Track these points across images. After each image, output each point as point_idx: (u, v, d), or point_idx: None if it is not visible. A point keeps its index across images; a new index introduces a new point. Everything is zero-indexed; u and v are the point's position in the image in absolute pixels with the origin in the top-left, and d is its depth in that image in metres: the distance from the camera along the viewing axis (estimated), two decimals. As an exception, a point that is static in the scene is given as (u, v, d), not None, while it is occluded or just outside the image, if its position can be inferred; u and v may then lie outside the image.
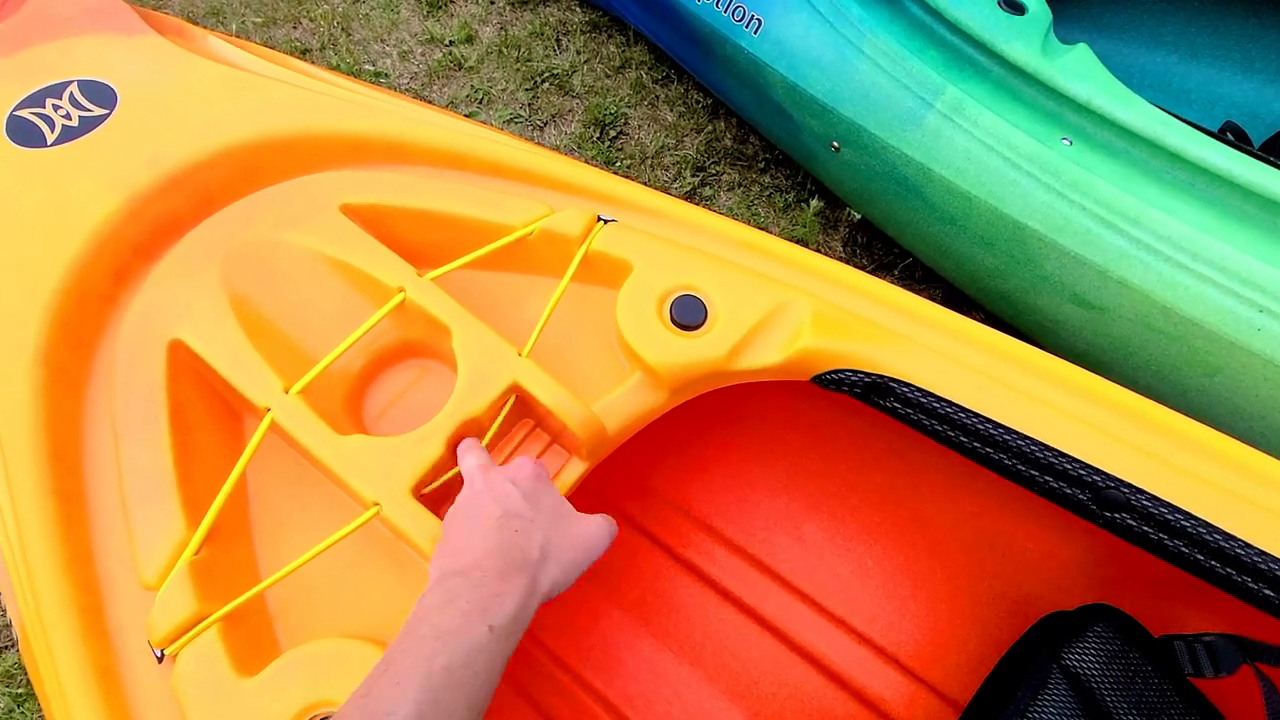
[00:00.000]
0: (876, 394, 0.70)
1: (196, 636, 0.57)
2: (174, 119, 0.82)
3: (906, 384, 0.68)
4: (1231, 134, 1.27)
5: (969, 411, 0.67)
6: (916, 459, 0.95)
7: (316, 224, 0.75)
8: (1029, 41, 1.11)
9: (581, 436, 0.66)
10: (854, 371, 0.70)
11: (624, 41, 1.90)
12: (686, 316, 0.70)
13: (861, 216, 1.50)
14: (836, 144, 1.32)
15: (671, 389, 0.70)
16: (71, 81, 0.84)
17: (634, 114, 1.81)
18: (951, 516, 0.97)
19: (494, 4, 2.00)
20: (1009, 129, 1.11)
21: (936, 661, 0.95)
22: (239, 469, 0.63)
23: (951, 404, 0.67)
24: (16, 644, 1.23)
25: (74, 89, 0.84)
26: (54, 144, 0.80)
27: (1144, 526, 0.63)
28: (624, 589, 1.03)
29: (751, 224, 1.46)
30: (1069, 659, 0.72)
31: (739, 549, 1.04)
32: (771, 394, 0.82)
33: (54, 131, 0.81)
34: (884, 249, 1.58)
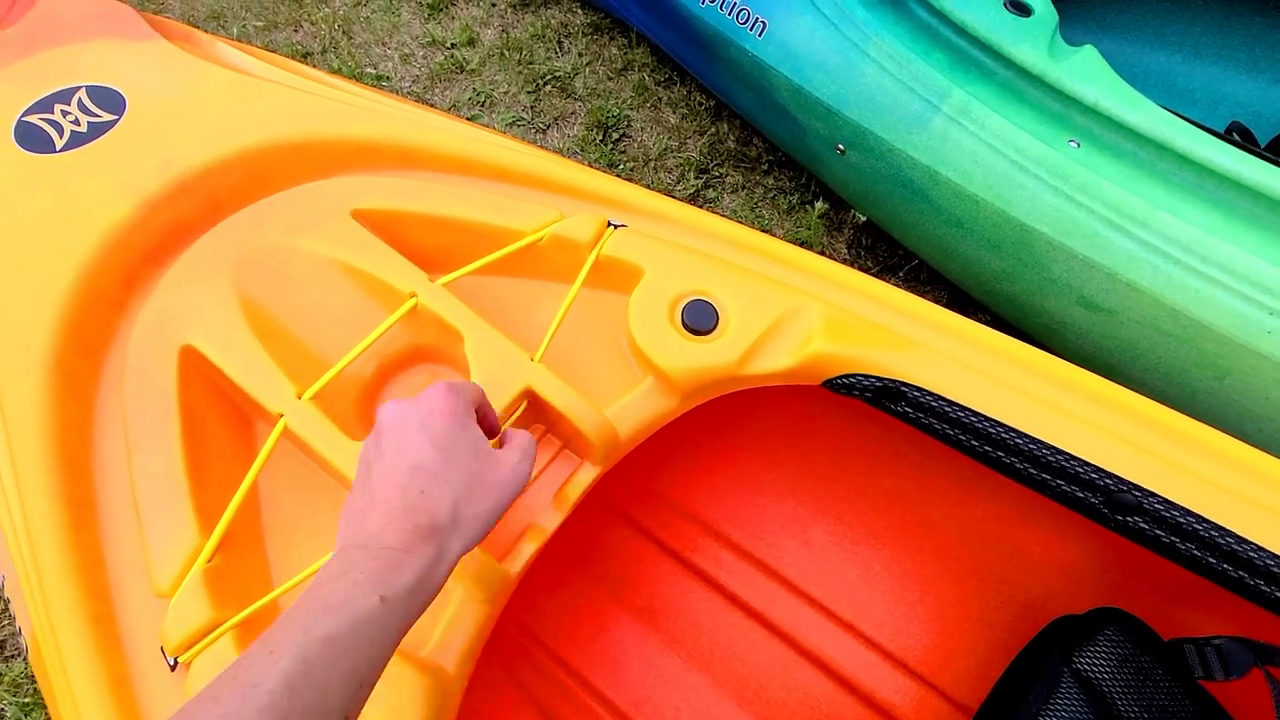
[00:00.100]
0: (888, 398, 0.70)
1: (211, 644, 0.57)
2: (183, 125, 0.82)
3: (918, 388, 0.68)
4: (1238, 134, 1.27)
5: (982, 416, 0.67)
6: (923, 463, 0.95)
7: (328, 229, 0.75)
8: (1035, 43, 1.11)
9: (595, 442, 0.66)
10: (865, 376, 0.70)
11: (626, 44, 1.90)
12: (698, 321, 0.70)
13: (866, 219, 1.50)
14: (842, 147, 1.32)
15: (684, 394, 0.70)
16: (80, 87, 0.84)
17: (637, 116, 1.81)
18: (958, 520, 0.97)
19: (495, 6, 2.00)
20: (1016, 131, 1.11)
21: (945, 666, 0.95)
22: (252, 475, 0.63)
23: (964, 408, 0.67)
24: (24, 654, 1.23)
25: (82, 94, 0.84)
26: (63, 149, 0.80)
27: (1156, 530, 0.63)
28: (631, 594, 1.03)
29: (755, 226, 1.45)
30: (1080, 663, 0.72)
31: (746, 553, 1.04)
32: (777, 398, 0.82)
33: (63, 137, 0.81)
34: (889, 251, 1.58)
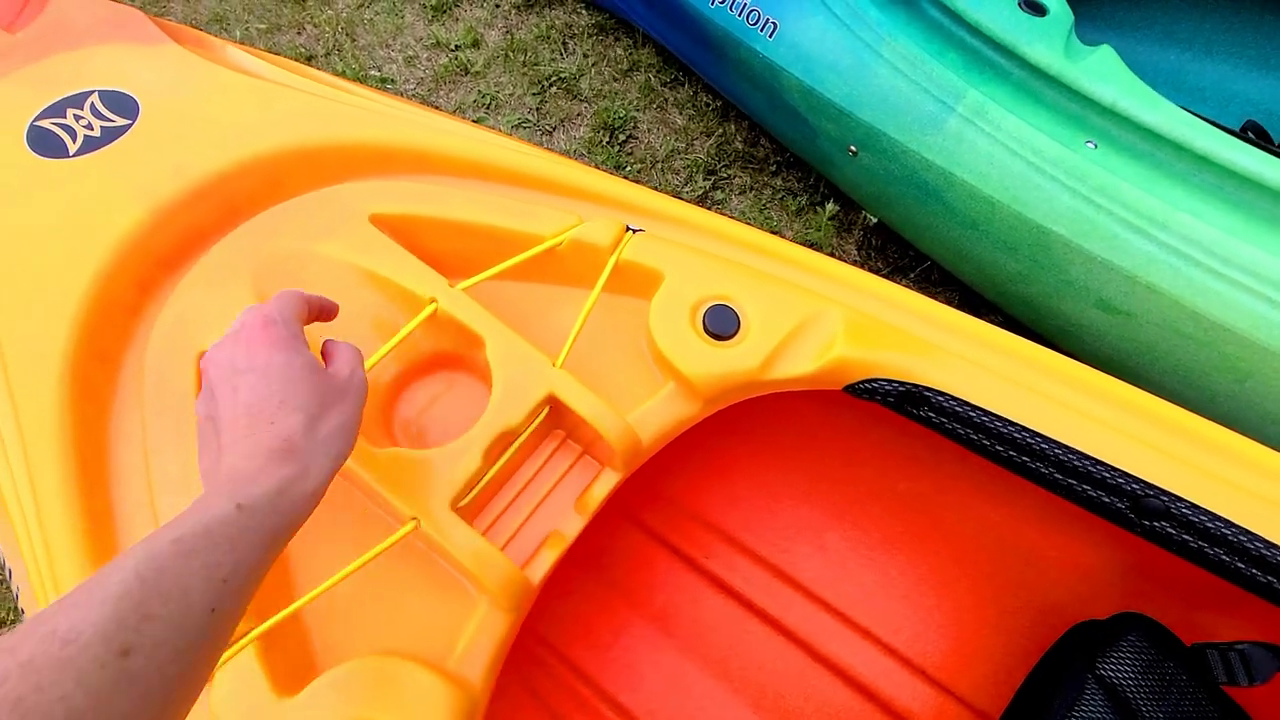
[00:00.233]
0: (911, 403, 0.70)
1: (234, 655, 0.56)
2: (197, 129, 0.81)
3: (942, 393, 0.68)
4: (1253, 133, 1.26)
5: (1006, 420, 0.66)
6: (937, 467, 0.94)
7: (346, 235, 0.74)
8: (1051, 43, 1.10)
9: (617, 448, 0.65)
10: (888, 381, 0.69)
11: (631, 44, 1.89)
12: (720, 326, 0.69)
13: (877, 220, 1.50)
14: (854, 148, 1.31)
15: (705, 399, 0.69)
16: (93, 91, 0.83)
17: (643, 117, 1.80)
18: (975, 525, 0.96)
19: (499, 7, 1.99)
20: (1032, 132, 1.10)
21: (963, 672, 0.95)
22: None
23: (988, 413, 0.67)
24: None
25: (95, 99, 0.83)
26: (76, 154, 0.79)
27: (1184, 535, 0.63)
28: (646, 601, 1.02)
29: (764, 227, 1.45)
30: (1104, 669, 0.71)
31: (761, 559, 1.03)
32: (792, 402, 0.81)
33: (76, 142, 0.80)
34: (899, 252, 1.57)
